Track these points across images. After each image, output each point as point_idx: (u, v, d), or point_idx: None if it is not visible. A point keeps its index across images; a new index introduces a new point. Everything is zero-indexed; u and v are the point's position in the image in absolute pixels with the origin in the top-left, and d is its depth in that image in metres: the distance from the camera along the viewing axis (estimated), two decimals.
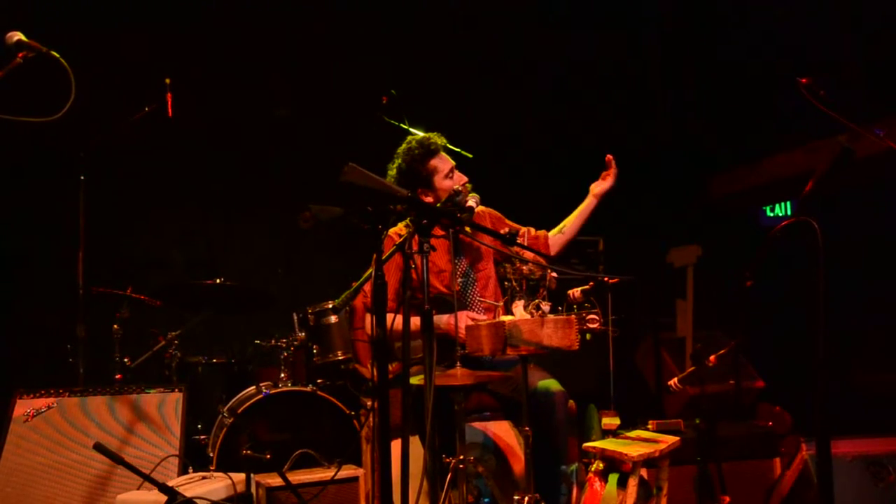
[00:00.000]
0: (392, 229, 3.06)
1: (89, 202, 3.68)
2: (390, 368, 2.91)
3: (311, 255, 4.79)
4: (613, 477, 2.61)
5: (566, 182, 5.03)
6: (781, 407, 3.50)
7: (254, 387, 3.56)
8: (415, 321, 2.44)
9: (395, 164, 3.06)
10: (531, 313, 2.42)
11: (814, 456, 3.18)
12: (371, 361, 3.09)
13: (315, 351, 3.83)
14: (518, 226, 3.26)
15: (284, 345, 3.78)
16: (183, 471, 3.13)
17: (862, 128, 2.29)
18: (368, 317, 3.20)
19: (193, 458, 3.48)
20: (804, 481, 3.20)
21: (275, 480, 2.87)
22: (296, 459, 3.07)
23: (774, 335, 4.49)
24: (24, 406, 2.99)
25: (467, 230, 2.97)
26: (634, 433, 2.84)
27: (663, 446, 2.60)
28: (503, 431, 3.27)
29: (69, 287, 3.61)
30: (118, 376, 3.66)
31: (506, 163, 5.24)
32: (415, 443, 2.70)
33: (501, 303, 2.87)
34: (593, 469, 2.67)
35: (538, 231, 3.26)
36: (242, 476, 2.76)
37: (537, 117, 5.52)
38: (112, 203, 4.22)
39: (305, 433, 3.40)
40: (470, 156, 3.32)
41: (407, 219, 2.94)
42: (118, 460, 2.63)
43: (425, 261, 2.21)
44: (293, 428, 3.42)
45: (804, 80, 2.26)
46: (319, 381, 3.70)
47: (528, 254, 2.70)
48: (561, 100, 5.54)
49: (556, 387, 2.79)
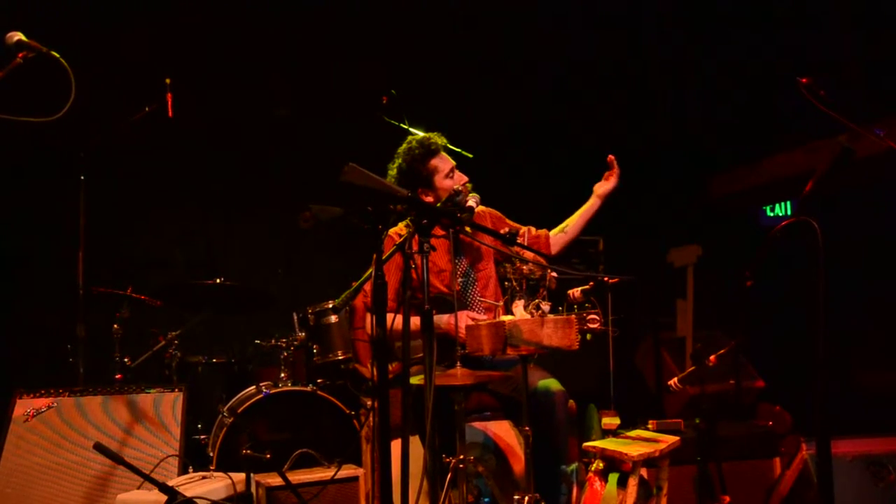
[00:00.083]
0: (392, 229, 3.06)
1: (89, 202, 3.69)
2: (390, 368, 2.91)
3: (311, 255, 4.79)
4: (613, 477, 2.61)
5: (566, 182, 5.03)
6: (781, 407, 3.50)
7: (254, 386, 3.56)
8: (415, 321, 2.44)
9: (396, 164, 3.06)
10: (531, 313, 2.42)
11: (814, 456, 3.18)
12: (371, 361, 3.08)
13: (315, 351, 3.84)
14: (518, 225, 3.26)
15: (284, 344, 3.78)
16: (183, 470, 3.14)
17: (862, 128, 2.28)
18: (368, 316, 3.20)
19: (193, 458, 3.49)
20: (804, 481, 3.20)
21: (275, 480, 2.87)
22: (296, 459, 3.07)
23: (774, 335, 4.49)
24: (24, 406, 2.99)
25: (467, 230, 2.96)
26: (634, 433, 2.84)
27: (663, 446, 2.60)
28: (503, 431, 3.27)
29: (69, 287, 3.62)
30: (118, 376, 3.66)
31: (506, 163, 5.25)
32: (415, 442, 2.70)
33: (501, 302, 2.87)
34: (593, 469, 2.67)
35: (539, 230, 3.25)
36: (242, 476, 2.76)
37: (537, 117, 5.52)
38: (112, 203, 4.22)
39: (305, 433, 3.40)
40: (470, 156, 3.31)
41: (407, 219, 2.94)
42: (118, 460, 2.64)
43: (425, 261, 2.21)
44: (293, 428, 3.42)
45: (804, 80, 2.25)
46: (319, 381, 3.70)
47: (528, 254, 2.70)
48: (561, 100, 5.53)
49: (557, 386, 2.78)
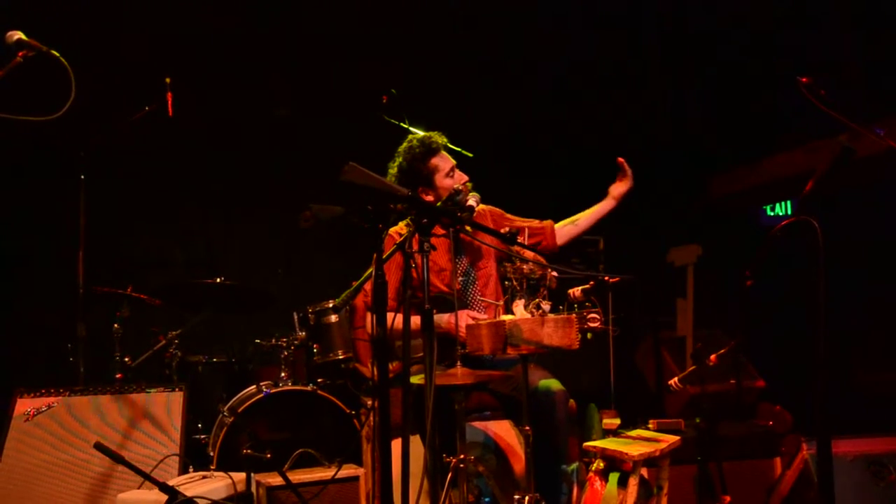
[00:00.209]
0: (392, 228, 3.06)
1: (89, 202, 3.69)
2: (391, 367, 2.90)
3: (312, 255, 4.79)
4: (614, 476, 2.61)
5: (566, 182, 5.06)
6: (782, 406, 3.50)
7: (254, 386, 3.56)
8: (415, 320, 2.44)
9: (396, 163, 3.06)
10: (531, 312, 2.42)
11: (814, 455, 3.18)
12: (371, 360, 3.08)
13: (315, 350, 3.84)
14: (519, 219, 3.25)
15: (285, 344, 3.78)
16: (183, 470, 3.13)
17: (862, 127, 2.28)
18: (369, 316, 3.19)
19: (194, 458, 3.49)
20: (804, 481, 3.20)
21: (275, 480, 2.87)
22: (296, 459, 3.08)
23: (774, 335, 4.49)
24: (25, 405, 3.00)
25: (468, 229, 2.96)
26: (635, 432, 2.84)
27: (664, 446, 2.60)
28: (504, 431, 3.27)
29: (69, 287, 3.62)
30: (119, 375, 3.66)
31: (506, 163, 5.25)
32: (415, 442, 2.69)
33: (502, 302, 2.87)
34: (594, 468, 2.67)
35: (543, 221, 3.25)
36: (243, 475, 2.77)
37: (537, 117, 5.52)
38: (112, 203, 4.22)
39: (306, 432, 3.40)
40: (470, 155, 3.31)
41: (407, 218, 2.94)
42: (119, 459, 2.64)
43: (426, 260, 2.21)
44: (293, 427, 3.42)
45: (804, 80, 2.25)
46: (320, 381, 3.70)
47: (529, 253, 2.70)
48: (561, 100, 5.53)
49: (557, 386, 2.78)
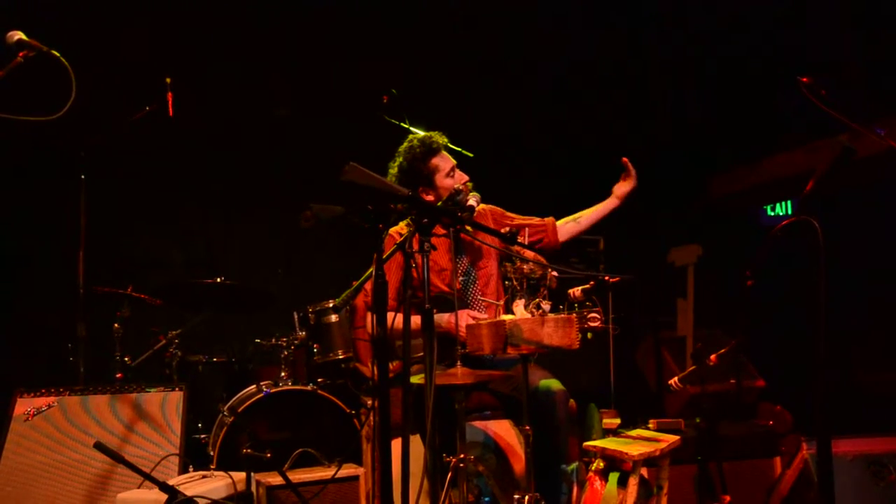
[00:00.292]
0: (393, 228, 3.06)
1: (89, 202, 3.69)
2: (391, 367, 2.91)
3: (312, 255, 4.79)
4: (614, 476, 2.61)
5: (566, 182, 5.06)
6: (782, 406, 3.50)
7: (254, 386, 3.56)
8: (415, 320, 2.44)
9: (397, 163, 3.05)
10: (532, 312, 2.42)
11: (814, 455, 3.18)
12: (371, 360, 3.08)
13: (315, 350, 3.84)
14: (520, 217, 3.25)
15: (285, 344, 3.78)
16: (183, 470, 3.14)
17: (863, 127, 2.28)
18: (369, 315, 3.20)
19: (194, 457, 3.49)
20: (805, 480, 3.20)
21: (275, 479, 2.87)
22: (296, 458, 3.07)
23: (775, 335, 4.49)
24: (25, 405, 3.00)
25: (468, 229, 2.96)
26: (635, 432, 2.84)
27: (664, 445, 2.60)
28: (504, 430, 3.27)
29: (69, 287, 3.61)
30: (119, 375, 3.66)
31: (506, 163, 5.24)
32: (415, 442, 2.69)
33: (502, 301, 2.87)
34: (594, 468, 2.67)
35: (545, 218, 3.25)
36: (243, 475, 2.77)
37: (537, 117, 5.52)
38: (112, 203, 4.22)
39: (306, 432, 3.40)
40: (471, 155, 3.31)
41: (408, 218, 2.94)
42: (119, 459, 2.64)
43: (426, 260, 2.21)
44: (294, 427, 3.42)
45: (805, 80, 2.25)
46: (320, 380, 3.70)
47: (529, 253, 2.70)
48: (561, 100, 5.53)
49: (557, 386, 2.78)
